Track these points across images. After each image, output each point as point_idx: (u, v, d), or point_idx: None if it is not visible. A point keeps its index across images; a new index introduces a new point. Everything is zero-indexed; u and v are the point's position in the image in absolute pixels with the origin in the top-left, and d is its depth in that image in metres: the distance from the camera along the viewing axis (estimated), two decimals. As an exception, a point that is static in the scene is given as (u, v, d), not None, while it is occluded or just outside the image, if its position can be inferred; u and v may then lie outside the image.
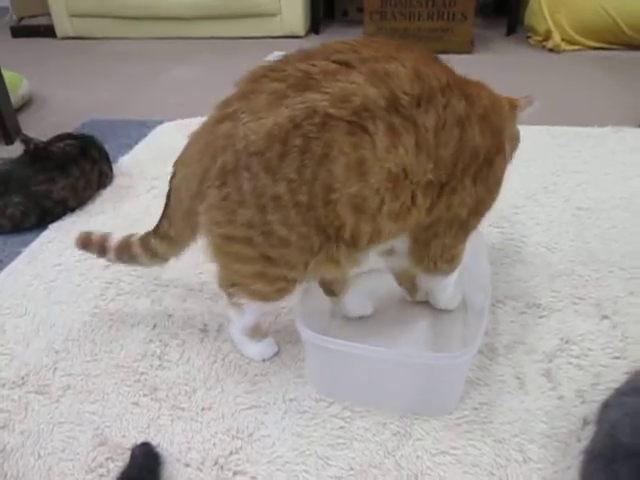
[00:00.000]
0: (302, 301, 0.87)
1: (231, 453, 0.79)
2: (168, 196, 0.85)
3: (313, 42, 3.08)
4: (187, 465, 0.78)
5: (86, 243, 0.96)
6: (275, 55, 2.85)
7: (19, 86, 2.13)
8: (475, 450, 0.78)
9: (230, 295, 0.87)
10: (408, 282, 1.03)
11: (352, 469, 0.77)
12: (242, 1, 2.96)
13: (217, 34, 3.10)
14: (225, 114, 0.73)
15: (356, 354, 0.81)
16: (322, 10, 3.26)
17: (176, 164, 0.82)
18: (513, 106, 0.88)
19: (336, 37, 3.15)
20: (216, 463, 0.78)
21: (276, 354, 0.95)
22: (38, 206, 1.33)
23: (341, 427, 0.82)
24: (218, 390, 0.89)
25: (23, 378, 0.93)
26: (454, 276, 0.95)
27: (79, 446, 0.81)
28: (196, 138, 0.78)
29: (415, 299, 1.05)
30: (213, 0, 2.97)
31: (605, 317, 1.01)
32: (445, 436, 0.81)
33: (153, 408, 0.87)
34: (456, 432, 0.81)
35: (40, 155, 1.39)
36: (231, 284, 0.85)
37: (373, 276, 1.10)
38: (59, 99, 2.29)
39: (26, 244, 1.29)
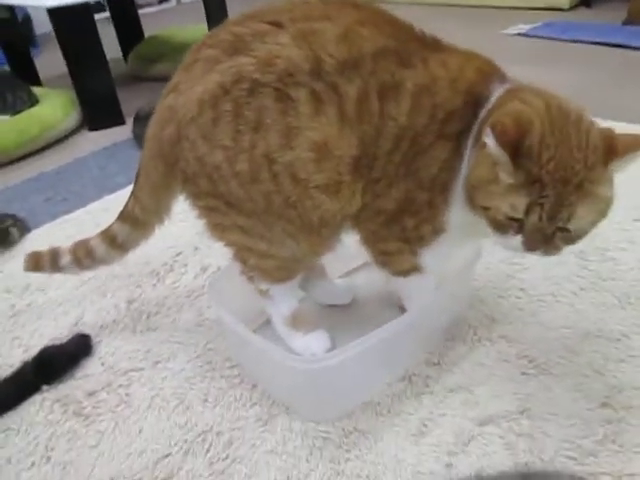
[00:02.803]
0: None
1: (128, 371, 0.89)
2: (137, 174, 0.82)
3: (580, 16, 2.66)
4: (102, 364, 0.91)
5: (36, 261, 0.92)
6: (519, 28, 2.59)
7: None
8: (305, 464, 0.72)
9: (251, 280, 0.83)
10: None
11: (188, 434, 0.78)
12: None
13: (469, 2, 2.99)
14: (170, 86, 0.73)
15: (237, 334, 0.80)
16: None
17: (145, 141, 0.79)
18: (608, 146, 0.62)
19: (608, 12, 2.67)
20: (117, 371, 0.89)
21: (329, 350, 0.83)
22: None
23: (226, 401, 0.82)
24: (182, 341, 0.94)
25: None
26: (411, 282, 0.82)
27: (64, 321, 1.01)
28: (155, 113, 0.76)
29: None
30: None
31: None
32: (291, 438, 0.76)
33: (131, 324, 0.99)
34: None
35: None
36: (243, 262, 0.81)
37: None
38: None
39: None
